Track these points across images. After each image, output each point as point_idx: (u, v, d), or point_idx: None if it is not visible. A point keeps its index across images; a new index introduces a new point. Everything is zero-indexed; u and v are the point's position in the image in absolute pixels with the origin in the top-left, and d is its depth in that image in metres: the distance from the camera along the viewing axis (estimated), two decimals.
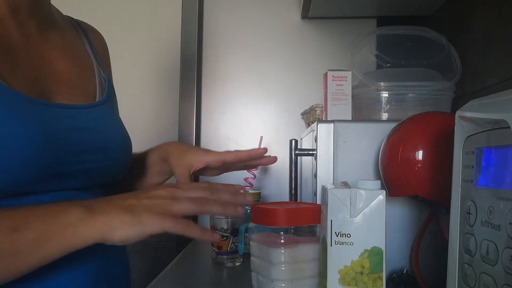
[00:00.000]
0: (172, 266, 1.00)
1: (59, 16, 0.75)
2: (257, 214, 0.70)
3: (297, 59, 1.46)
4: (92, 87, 0.73)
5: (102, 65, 0.78)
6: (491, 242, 0.41)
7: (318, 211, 0.68)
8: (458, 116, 0.48)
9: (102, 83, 0.75)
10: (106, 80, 0.76)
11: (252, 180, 1.24)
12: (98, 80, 0.75)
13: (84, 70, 0.74)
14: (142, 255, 1.44)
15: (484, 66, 0.97)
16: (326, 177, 0.81)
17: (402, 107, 0.92)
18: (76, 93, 0.68)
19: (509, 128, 0.38)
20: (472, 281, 0.44)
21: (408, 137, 0.68)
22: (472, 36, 1.03)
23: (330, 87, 0.90)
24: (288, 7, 1.47)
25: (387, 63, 0.97)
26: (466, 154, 0.46)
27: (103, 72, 0.77)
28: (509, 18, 0.87)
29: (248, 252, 0.75)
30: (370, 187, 0.60)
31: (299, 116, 1.42)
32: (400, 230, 0.78)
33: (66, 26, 0.76)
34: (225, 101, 1.48)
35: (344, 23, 1.45)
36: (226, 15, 1.49)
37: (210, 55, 1.49)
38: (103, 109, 0.71)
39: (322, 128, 0.81)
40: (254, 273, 0.71)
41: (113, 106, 0.77)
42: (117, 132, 0.72)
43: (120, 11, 1.52)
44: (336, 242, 0.60)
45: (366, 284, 0.59)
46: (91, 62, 0.76)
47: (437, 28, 1.06)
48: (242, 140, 1.46)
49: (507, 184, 0.39)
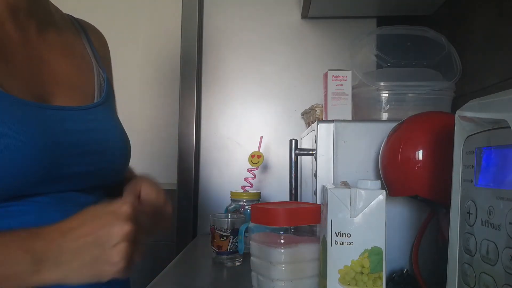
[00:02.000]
0: (172, 266, 1.00)
1: (59, 15, 0.75)
2: (257, 214, 0.70)
3: (297, 59, 1.46)
4: (91, 88, 0.73)
5: (102, 65, 0.78)
6: (491, 242, 0.41)
7: (318, 211, 0.68)
8: (458, 116, 0.48)
9: (101, 83, 0.75)
10: (105, 80, 0.76)
11: (252, 180, 1.24)
12: (97, 80, 0.74)
13: (83, 70, 0.73)
14: (142, 255, 1.44)
15: (484, 66, 0.97)
16: (326, 177, 0.81)
17: (402, 107, 0.92)
18: (75, 94, 0.68)
19: (509, 128, 0.38)
20: (472, 281, 0.44)
21: (408, 137, 0.68)
22: (472, 36, 1.03)
23: (330, 87, 0.90)
24: (288, 7, 1.47)
25: (387, 63, 0.97)
26: (466, 154, 0.46)
27: (102, 72, 0.77)
28: (509, 18, 0.87)
29: (248, 252, 0.75)
30: (370, 187, 0.60)
31: (299, 116, 1.42)
32: (400, 230, 0.78)
33: (65, 26, 0.75)
34: (225, 101, 1.48)
35: (344, 23, 1.45)
36: (226, 15, 1.49)
37: (210, 55, 1.49)
38: (101, 110, 0.71)
39: (322, 128, 0.81)
40: (254, 273, 0.71)
41: (111, 106, 0.77)
42: (116, 133, 0.72)
43: (120, 11, 1.52)
44: (336, 242, 0.60)
45: (366, 284, 0.59)
46: (91, 62, 0.76)
47: (437, 28, 1.06)
48: (242, 140, 1.46)
49: (507, 184, 0.39)
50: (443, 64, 0.96)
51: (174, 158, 1.44)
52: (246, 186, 1.24)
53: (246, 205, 1.16)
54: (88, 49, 0.77)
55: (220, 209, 1.33)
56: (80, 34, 0.78)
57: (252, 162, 1.24)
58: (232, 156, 1.46)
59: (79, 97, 0.69)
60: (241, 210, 1.16)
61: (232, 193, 1.20)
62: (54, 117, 0.61)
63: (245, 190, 1.22)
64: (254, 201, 1.18)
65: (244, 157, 1.28)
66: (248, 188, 1.23)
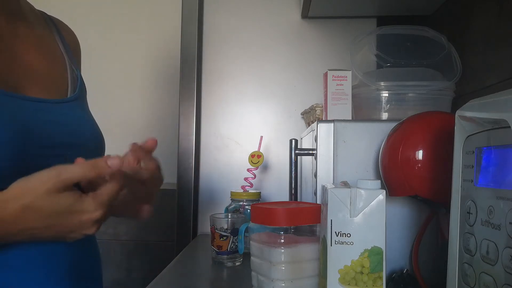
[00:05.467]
0: (172, 266, 1.00)
1: (30, 10, 0.75)
2: (257, 214, 0.70)
3: (297, 58, 1.46)
4: (63, 83, 0.72)
5: (74, 62, 0.78)
6: (491, 241, 0.41)
7: (318, 211, 0.68)
8: (458, 115, 0.47)
9: (74, 80, 0.75)
10: (78, 77, 0.76)
11: (252, 180, 1.24)
12: (70, 76, 0.74)
13: (55, 65, 0.73)
14: (142, 255, 1.44)
15: (484, 66, 0.97)
16: (326, 177, 0.81)
17: (402, 107, 0.92)
18: (48, 88, 0.68)
19: (509, 127, 0.38)
20: (472, 280, 0.44)
21: (408, 137, 0.68)
22: (472, 36, 1.03)
23: (330, 86, 0.90)
24: (288, 7, 1.47)
25: (387, 62, 0.97)
26: (466, 154, 0.46)
27: (75, 69, 0.77)
28: (509, 17, 0.87)
29: (248, 252, 0.75)
30: (370, 186, 0.60)
31: (299, 116, 1.42)
32: (400, 230, 0.78)
33: (37, 21, 0.75)
34: (225, 101, 1.48)
35: (344, 23, 1.45)
36: (226, 15, 1.49)
37: (210, 55, 1.49)
38: (74, 105, 0.71)
39: (322, 128, 0.81)
40: (254, 273, 0.72)
41: (84, 103, 0.77)
42: (89, 128, 0.72)
43: (121, 11, 1.52)
44: (336, 242, 0.60)
45: (366, 283, 0.59)
46: (63, 58, 0.76)
47: (437, 28, 1.06)
48: (242, 140, 1.46)
49: (507, 184, 0.39)
50: (443, 64, 0.96)
51: (174, 158, 1.45)
52: (246, 186, 1.24)
53: (246, 205, 1.16)
54: (61, 46, 0.77)
55: (220, 209, 1.33)
56: (52, 31, 0.78)
57: (252, 162, 1.24)
58: (232, 156, 1.46)
59: (52, 90, 0.69)
60: (241, 210, 1.16)
61: (232, 193, 1.20)
62: (26, 106, 0.61)
63: (245, 190, 1.22)
64: (254, 201, 1.18)
65: (244, 157, 1.28)
66: (248, 188, 1.23)
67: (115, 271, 1.43)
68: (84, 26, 1.04)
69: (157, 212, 1.62)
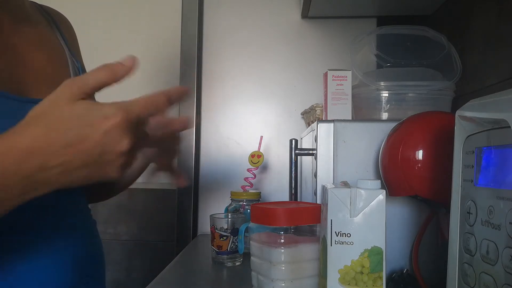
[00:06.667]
0: (172, 266, 1.00)
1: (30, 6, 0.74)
2: (257, 214, 0.70)
3: (297, 58, 1.46)
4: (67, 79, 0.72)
5: (74, 54, 0.77)
6: (491, 241, 0.41)
7: (318, 211, 0.68)
8: (458, 115, 0.47)
9: (76, 74, 0.74)
10: (80, 69, 0.76)
11: (252, 180, 1.24)
12: (72, 70, 0.74)
13: (58, 62, 0.73)
14: (142, 255, 1.44)
15: (484, 66, 0.97)
16: (326, 177, 0.81)
17: (402, 106, 0.92)
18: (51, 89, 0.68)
19: (509, 127, 0.38)
20: (472, 280, 0.44)
21: (408, 137, 0.68)
22: (472, 36, 1.03)
23: (330, 86, 0.90)
24: (288, 7, 1.47)
25: (387, 62, 0.97)
26: (466, 154, 0.46)
27: (76, 61, 0.76)
28: (509, 17, 0.87)
29: (248, 252, 0.75)
30: (370, 186, 0.60)
31: (299, 116, 1.42)
32: (400, 230, 0.78)
33: (37, 17, 0.74)
34: (225, 101, 1.48)
35: (344, 23, 1.45)
36: (226, 15, 1.49)
37: (210, 55, 1.49)
38: None
39: (322, 127, 0.81)
40: (254, 273, 0.72)
41: None
42: None
43: (121, 10, 1.52)
44: (336, 242, 0.60)
45: (366, 283, 0.59)
46: (64, 53, 0.75)
47: (437, 28, 1.06)
48: (242, 140, 1.46)
49: (507, 184, 0.39)
50: (443, 64, 0.96)
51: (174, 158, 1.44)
52: (246, 186, 1.24)
53: (246, 205, 1.16)
54: (61, 40, 0.76)
55: (220, 209, 1.33)
56: (51, 25, 0.77)
57: (252, 162, 1.24)
58: (232, 156, 1.46)
59: None
60: (241, 210, 1.16)
61: (232, 193, 1.20)
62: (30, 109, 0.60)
63: (245, 190, 1.22)
64: (254, 201, 1.18)
65: (244, 157, 1.28)
66: (248, 188, 1.23)
67: (115, 271, 1.43)
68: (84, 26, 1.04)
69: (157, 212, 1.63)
